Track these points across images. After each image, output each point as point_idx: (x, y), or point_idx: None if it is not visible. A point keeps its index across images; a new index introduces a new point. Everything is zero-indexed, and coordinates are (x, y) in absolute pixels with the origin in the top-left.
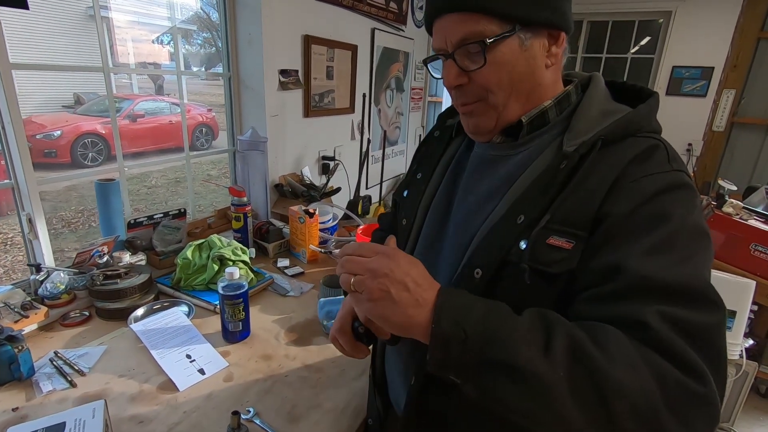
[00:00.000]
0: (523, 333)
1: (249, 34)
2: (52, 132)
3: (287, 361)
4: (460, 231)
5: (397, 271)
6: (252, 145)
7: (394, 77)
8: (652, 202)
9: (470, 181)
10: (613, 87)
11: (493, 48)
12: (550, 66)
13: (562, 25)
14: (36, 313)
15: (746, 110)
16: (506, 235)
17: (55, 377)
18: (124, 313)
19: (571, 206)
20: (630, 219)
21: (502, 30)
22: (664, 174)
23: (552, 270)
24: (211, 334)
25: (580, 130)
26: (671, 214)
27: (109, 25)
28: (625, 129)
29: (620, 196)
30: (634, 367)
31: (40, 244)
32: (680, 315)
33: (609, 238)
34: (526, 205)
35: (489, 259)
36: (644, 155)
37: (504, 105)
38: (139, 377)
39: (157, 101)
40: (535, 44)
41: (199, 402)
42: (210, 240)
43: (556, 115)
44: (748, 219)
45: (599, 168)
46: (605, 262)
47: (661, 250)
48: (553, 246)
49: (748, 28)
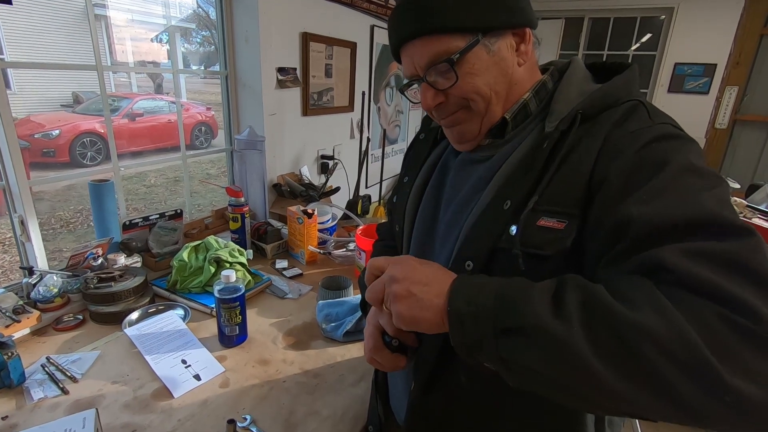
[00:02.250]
0: (533, 296)
1: (246, 31)
2: (51, 131)
3: (285, 366)
4: (449, 229)
5: (413, 273)
6: (249, 144)
7: (394, 75)
8: (644, 152)
9: (457, 180)
10: (596, 69)
11: (461, 62)
12: (522, 64)
13: (524, 22)
14: (28, 317)
15: (749, 107)
16: (494, 222)
17: (47, 384)
18: (119, 316)
19: (558, 184)
20: (626, 176)
21: (466, 42)
22: (646, 128)
23: (545, 252)
24: (208, 338)
25: (561, 111)
26: (668, 159)
27: (107, 23)
28: (603, 101)
29: (609, 160)
30: (660, 309)
31: (32, 247)
32: (703, 247)
33: (609, 203)
34: (511, 190)
35: (479, 248)
36: (624, 116)
37: (486, 110)
38: (133, 384)
39: (156, 100)
40: (502, 47)
41: (195, 409)
42: (207, 241)
43: (536, 105)
44: (752, 218)
45: (582, 141)
46: (611, 224)
47: (667, 191)
48: (544, 227)
49: (751, 24)
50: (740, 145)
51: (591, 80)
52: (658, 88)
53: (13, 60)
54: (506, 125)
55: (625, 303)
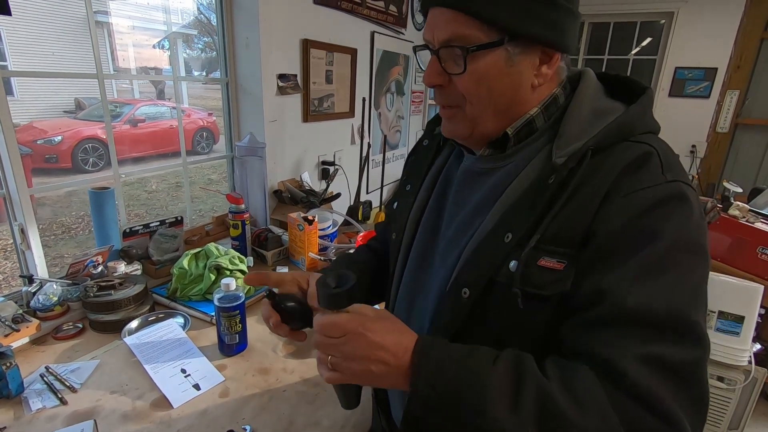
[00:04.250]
0: (493, 388)
1: (246, 38)
2: (53, 137)
3: (285, 375)
4: (449, 247)
5: (372, 351)
6: (250, 150)
7: (395, 80)
8: (641, 218)
9: (459, 195)
10: (606, 79)
11: (475, 57)
12: (536, 86)
13: (559, 43)
14: (27, 326)
15: (750, 111)
16: (494, 253)
17: (46, 394)
18: (118, 325)
19: (561, 223)
20: (619, 237)
21: (488, 39)
22: (656, 187)
23: (545, 292)
24: (207, 346)
25: (571, 135)
26: (661, 232)
27: (110, 30)
28: (617, 135)
29: (610, 213)
30: (603, 417)
31: (32, 255)
32: (663, 353)
33: (597, 258)
34: (513, 222)
35: (476, 278)
36: (636, 164)
37: (478, 117)
38: (132, 393)
39: (158, 106)
40: (524, 61)
41: (194, 420)
42: (207, 249)
43: (543, 121)
44: (755, 222)
45: (590, 180)
46: (592, 285)
47: (649, 273)
48: (544, 268)
49: (751, 28)
50: (742, 149)
51: (603, 94)
52: (659, 92)
53: (16, 69)
54: (508, 139)
55: (577, 407)
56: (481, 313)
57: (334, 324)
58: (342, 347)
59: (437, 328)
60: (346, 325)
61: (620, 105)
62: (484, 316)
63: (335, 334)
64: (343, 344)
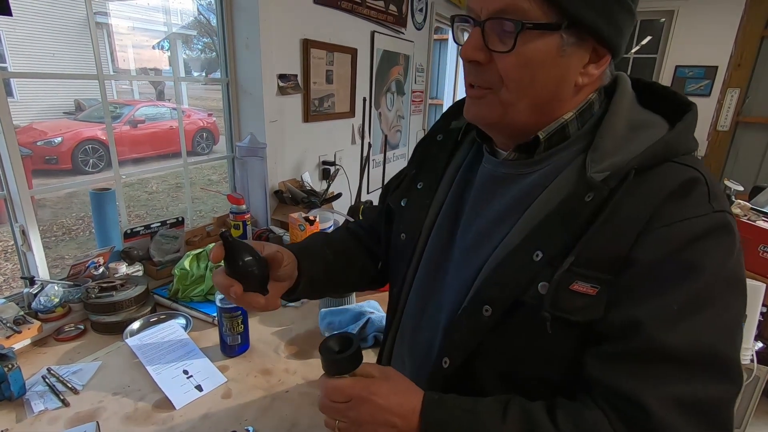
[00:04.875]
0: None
1: (246, 38)
2: (53, 139)
3: (287, 376)
4: (466, 258)
5: (379, 415)
6: (251, 151)
7: (395, 80)
8: (684, 251)
9: (479, 201)
10: (637, 86)
11: (526, 37)
12: (579, 86)
13: (613, 42)
14: (29, 327)
15: (751, 109)
16: (521, 271)
17: (48, 396)
18: (120, 326)
19: (597, 246)
20: (658, 269)
21: (547, 19)
22: (702, 218)
23: (574, 318)
24: (209, 347)
25: (606, 150)
26: (704, 266)
27: (110, 31)
28: (663, 156)
29: (652, 241)
30: None
31: (33, 256)
32: (694, 393)
33: (634, 287)
34: (544, 240)
35: (500, 296)
36: (683, 191)
37: (513, 105)
38: (134, 395)
39: (158, 107)
40: (574, 55)
41: (196, 421)
42: (208, 249)
43: (577, 128)
44: (756, 220)
45: (630, 201)
46: (625, 316)
47: (689, 309)
48: (576, 292)
49: (752, 26)
50: (743, 147)
51: (637, 105)
52: None
53: (16, 70)
54: (538, 143)
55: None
56: (501, 334)
57: (338, 390)
58: (348, 413)
59: (452, 344)
60: (350, 391)
61: (659, 119)
62: (505, 337)
63: (340, 399)
64: (349, 409)
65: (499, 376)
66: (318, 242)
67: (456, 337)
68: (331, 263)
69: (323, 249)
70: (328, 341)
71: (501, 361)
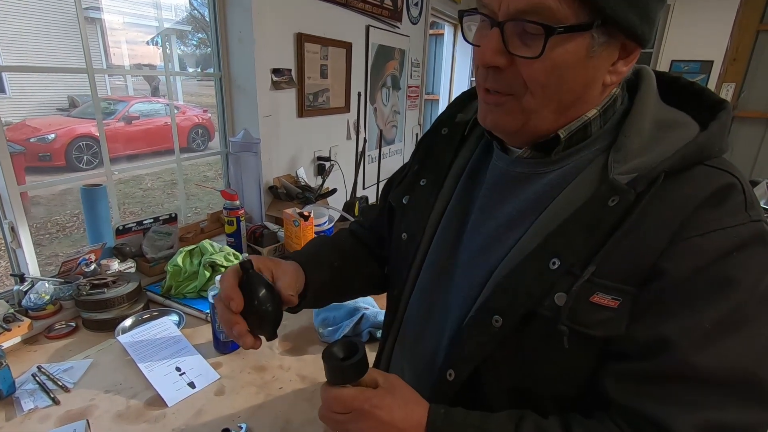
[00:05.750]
0: None
1: (239, 32)
2: (47, 135)
3: (281, 372)
4: (475, 262)
5: (382, 430)
6: (245, 146)
7: (390, 75)
8: (719, 263)
9: (489, 201)
10: (661, 81)
11: (557, 40)
12: (608, 85)
13: (645, 36)
14: (19, 325)
15: (746, 104)
16: (536, 280)
17: (38, 394)
18: (112, 323)
19: (621, 255)
20: (690, 283)
21: (577, 20)
22: (738, 228)
23: (593, 332)
24: (203, 344)
25: (631, 150)
26: (740, 281)
27: (103, 26)
28: (697, 158)
29: (683, 252)
30: None
31: (24, 253)
32: (725, 420)
33: (661, 303)
34: (561, 246)
35: (512, 306)
36: (717, 198)
37: (537, 112)
38: (126, 392)
39: (152, 103)
40: (604, 53)
41: (189, 419)
42: (201, 246)
43: (599, 126)
44: None
45: (659, 207)
46: (651, 333)
47: (723, 327)
48: (596, 305)
49: (747, 20)
50: (738, 142)
51: (661, 102)
52: None
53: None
54: (557, 142)
55: None
56: (513, 346)
57: (340, 401)
58: (348, 425)
59: (458, 356)
60: (351, 403)
61: (689, 118)
62: (516, 350)
63: (340, 410)
64: (349, 422)
65: (509, 392)
66: (325, 250)
67: (462, 349)
68: (338, 272)
69: (329, 256)
70: (332, 347)
71: (511, 376)
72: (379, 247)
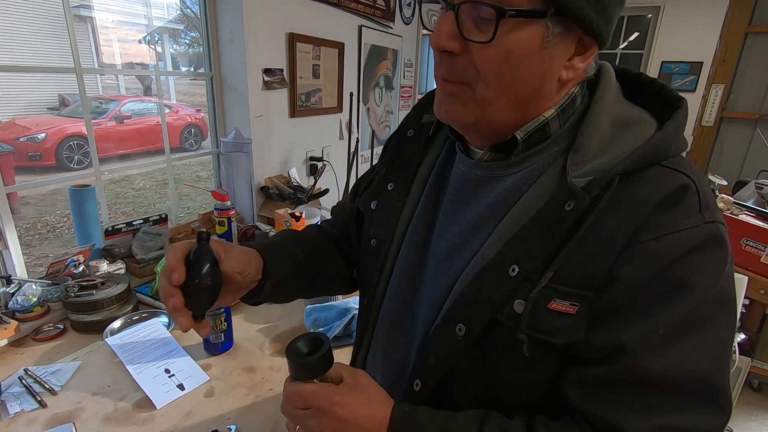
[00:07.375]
0: None
1: (230, 32)
2: (37, 134)
3: (272, 374)
4: (441, 269)
5: (341, 428)
6: (236, 146)
7: (383, 75)
8: (674, 266)
9: (453, 206)
10: (623, 77)
11: (508, 26)
12: (565, 81)
13: (602, 32)
14: (5, 328)
15: (735, 105)
16: (496, 287)
17: (24, 397)
18: (101, 325)
19: (578, 260)
20: (645, 288)
21: (531, 5)
22: (693, 230)
23: (554, 340)
24: (192, 345)
25: (589, 152)
26: (694, 284)
27: (94, 25)
28: (652, 158)
29: (639, 256)
30: None
31: (10, 255)
32: (680, 424)
33: (618, 307)
34: (520, 253)
35: (475, 315)
36: (671, 200)
37: (491, 104)
38: (114, 395)
39: (145, 102)
40: (559, 46)
41: (178, 420)
42: None
43: (558, 126)
44: (739, 214)
45: (614, 210)
46: (608, 338)
47: (678, 332)
48: (555, 311)
49: (736, 22)
50: (727, 142)
51: (622, 98)
52: None
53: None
54: (515, 144)
55: None
56: (477, 355)
57: (300, 395)
58: (307, 421)
59: (424, 365)
60: (312, 399)
61: (646, 115)
62: (481, 358)
63: (300, 405)
64: (308, 417)
65: (475, 400)
66: (287, 240)
67: (428, 358)
68: (301, 264)
69: (292, 248)
70: (296, 342)
71: (477, 384)
72: (349, 247)
